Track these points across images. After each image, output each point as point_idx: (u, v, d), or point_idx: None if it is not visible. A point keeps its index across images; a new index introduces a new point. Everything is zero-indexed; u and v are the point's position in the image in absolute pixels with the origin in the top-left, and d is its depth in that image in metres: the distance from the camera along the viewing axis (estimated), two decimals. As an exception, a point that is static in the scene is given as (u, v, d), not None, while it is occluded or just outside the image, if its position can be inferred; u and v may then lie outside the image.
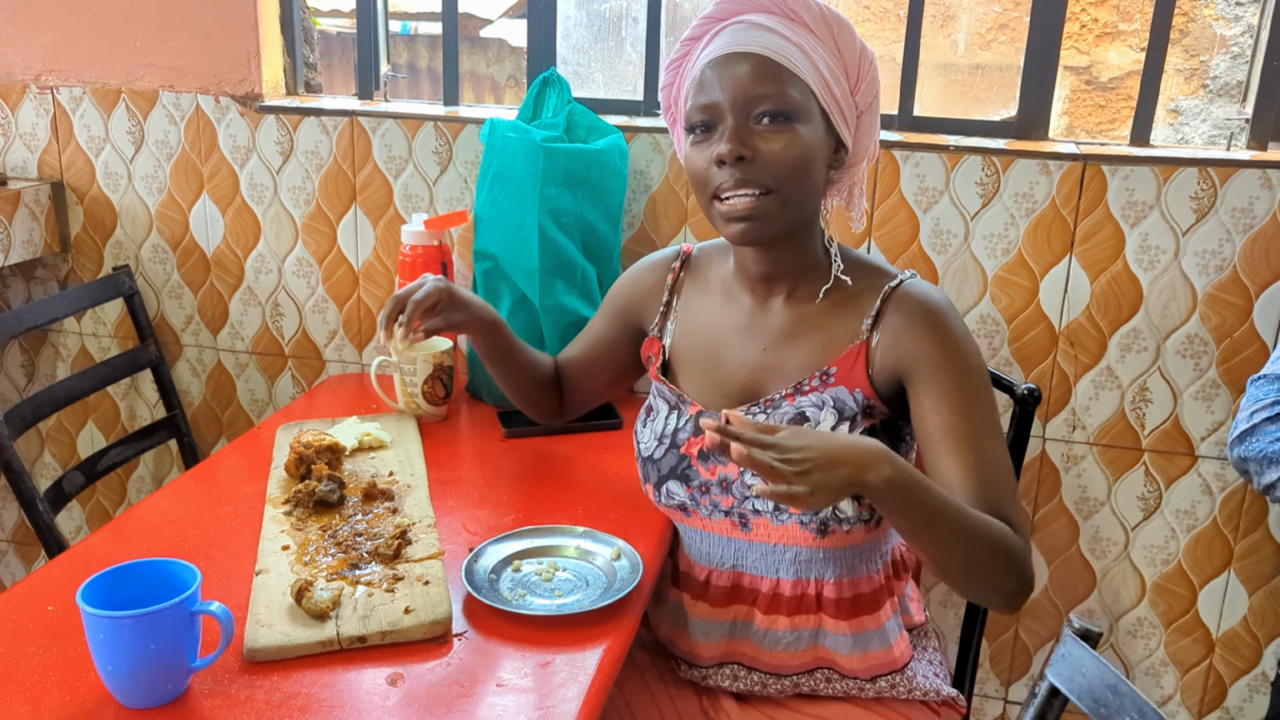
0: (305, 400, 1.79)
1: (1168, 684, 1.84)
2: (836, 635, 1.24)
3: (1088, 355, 1.72)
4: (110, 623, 0.92)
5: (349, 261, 1.99)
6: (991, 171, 1.68)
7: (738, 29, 1.16)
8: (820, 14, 1.16)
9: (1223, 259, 1.63)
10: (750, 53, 1.13)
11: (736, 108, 1.13)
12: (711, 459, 1.24)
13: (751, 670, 1.27)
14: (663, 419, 1.30)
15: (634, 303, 1.40)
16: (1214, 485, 1.73)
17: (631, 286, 1.41)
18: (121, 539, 1.27)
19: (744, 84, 1.13)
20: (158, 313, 2.12)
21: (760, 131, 1.13)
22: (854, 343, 1.20)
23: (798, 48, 1.14)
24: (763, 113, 1.13)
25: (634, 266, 1.43)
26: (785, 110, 1.13)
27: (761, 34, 1.14)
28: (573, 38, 2.14)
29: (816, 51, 1.15)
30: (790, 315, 1.24)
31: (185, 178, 2.02)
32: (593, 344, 1.45)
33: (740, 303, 1.28)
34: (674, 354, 1.34)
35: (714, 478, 1.24)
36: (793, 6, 1.16)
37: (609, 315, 1.43)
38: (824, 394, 1.20)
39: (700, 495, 1.25)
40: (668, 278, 1.36)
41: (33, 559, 2.38)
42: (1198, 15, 3.73)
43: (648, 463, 1.30)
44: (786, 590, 1.24)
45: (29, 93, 2.05)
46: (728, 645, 1.28)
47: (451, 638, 1.08)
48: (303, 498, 1.32)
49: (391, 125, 1.89)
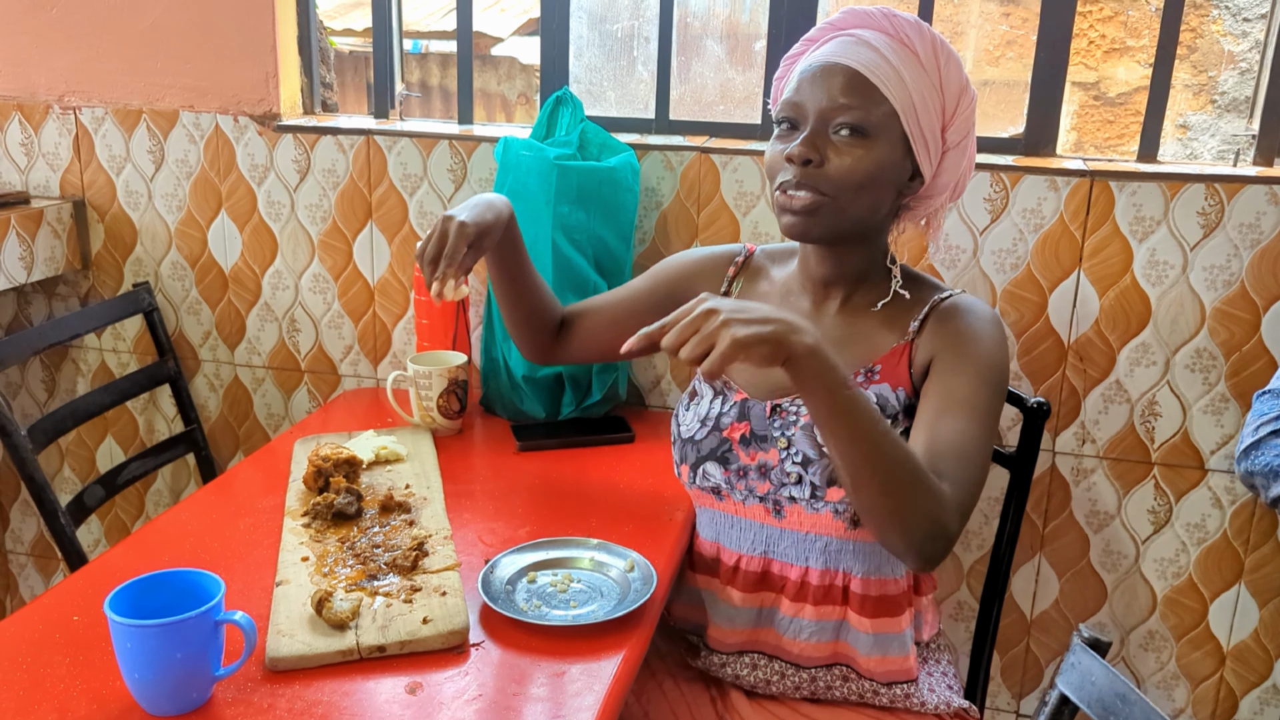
0: (321, 414, 1.82)
1: (1179, 697, 1.84)
2: (859, 632, 1.27)
3: (1097, 369, 1.73)
4: (137, 631, 0.94)
5: (365, 278, 2.01)
6: (1000, 187, 1.69)
7: (846, 40, 1.20)
8: (932, 45, 1.20)
9: (1230, 274, 1.65)
10: (847, 65, 1.18)
11: (819, 113, 1.18)
12: (753, 444, 1.27)
13: (773, 659, 1.29)
14: (707, 403, 1.33)
15: (686, 280, 1.43)
16: (1224, 498, 1.74)
17: (691, 266, 1.44)
18: (143, 551, 1.29)
19: (831, 93, 1.18)
20: (176, 328, 2.15)
21: (835, 142, 1.18)
22: (899, 342, 1.25)
23: (895, 71, 1.18)
24: (842, 124, 1.17)
25: (694, 250, 1.47)
26: (863, 126, 1.17)
27: (865, 50, 1.18)
28: (585, 57, 2.17)
29: (916, 79, 1.19)
30: (843, 320, 1.29)
31: (204, 196, 2.05)
32: (625, 300, 1.47)
33: (797, 304, 1.33)
34: None
35: (754, 463, 1.27)
36: (908, 32, 1.20)
37: (654, 281, 1.46)
38: (868, 390, 1.23)
39: (737, 479, 1.28)
40: (729, 269, 1.41)
41: (51, 572, 2.40)
42: (1205, 31, 3.74)
43: (687, 444, 1.33)
44: (815, 579, 1.27)
45: (52, 113, 2.08)
46: (752, 633, 1.30)
47: (469, 648, 1.10)
48: (321, 510, 1.34)
49: (407, 144, 1.92)
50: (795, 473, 1.23)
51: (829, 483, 1.22)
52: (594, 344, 1.49)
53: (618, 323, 1.45)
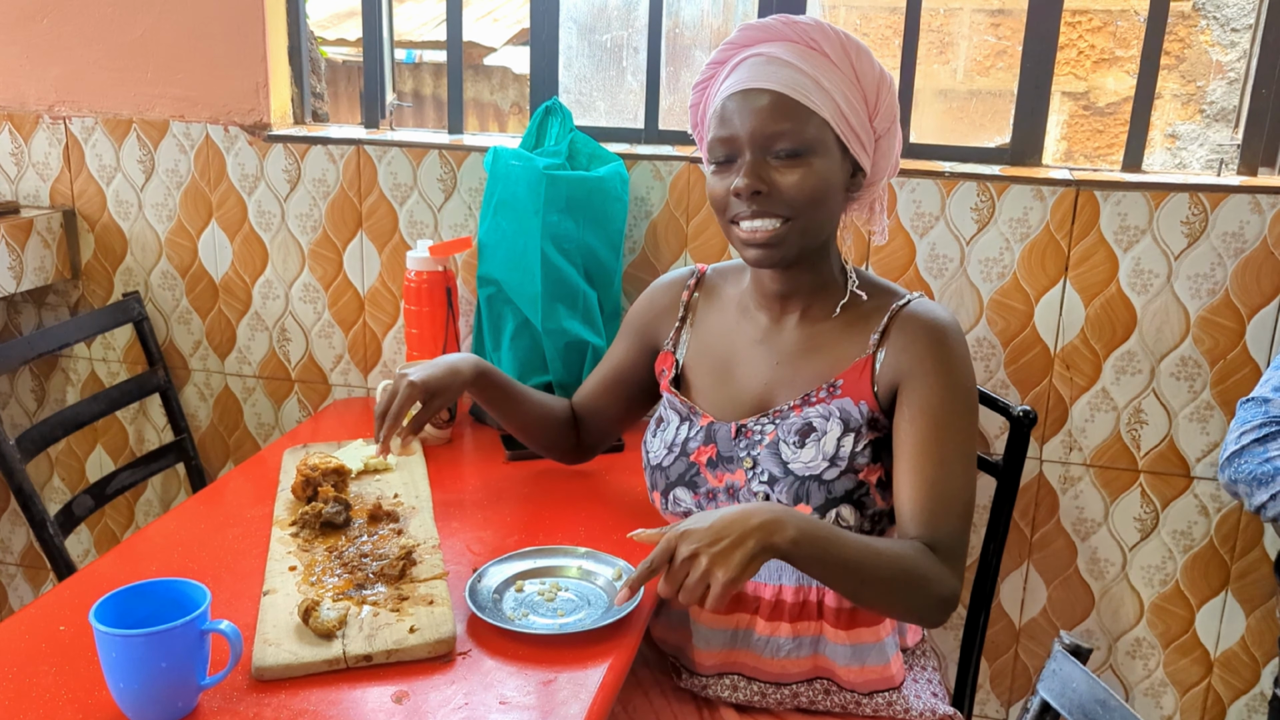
0: (311, 424, 1.82)
1: (1167, 704, 1.85)
2: (836, 645, 1.26)
3: (1083, 377, 1.74)
4: (122, 641, 0.94)
5: (355, 287, 2.02)
6: (986, 197, 1.70)
7: (757, 62, 1.20)
8: (839, 43, 1.20)
9: (1215, 283, 1.66)
10: (768, 89, 1.17)
11: (754, 143, 1.18)
12: (720, 466, 1.28)
13: (751, 681, 1.29)
14: (674, 429, 1.34)
15: (650, 322, 1.44)
16: (1210, 506, 1.75)
17: (647, 307, 1.45)
18: (131, 561, 1.29)
19: (761, 120, 1.17)
20: (166, 338, 2.15)
21: (777, 165, 1.18)
22: (860, 356, 1.25)
23: (814, 82, 1.18)
24: (779, 149, 1.17)
25: (649, 288, 1.47)
26: (800, 147, 1.17)
27: (780, 69, 1.18)
28: (575, 67, 2.18)
29: (834, 83, 1.19)
30: (803, 332, 1.29)
31: (194, 206, 2.06)
32: (611, 370, 1.48)
33: (755, 320, 1.33)
34: (687, 368, 1.38)
35: (721, 485, 1.27)
36: (813, 36, 1.19)
37: (627, 338, 1.47)
38: (830, 405, 1.23)
39: (707, 502, 1.28)
40: (683, 294, 1.41)
41: (40, 581, 2.40)
42: (1194, 41, 3.77)
43: (656, 470, 1.33)
44: (789, 597, 1.26)
45: (42, 123, 2.09)
46: (728, 654, 1.29)
47: (456, 656, 1.10)
48: (309, 519, 1.34)
49: (397, 154, 1.93)
50: (762, 491, 1.23)
51: (795, 500, 1.22)
52: (605, 422, 1.51)
53: (613, 392, 1.48)
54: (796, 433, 1.23)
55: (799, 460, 1.22)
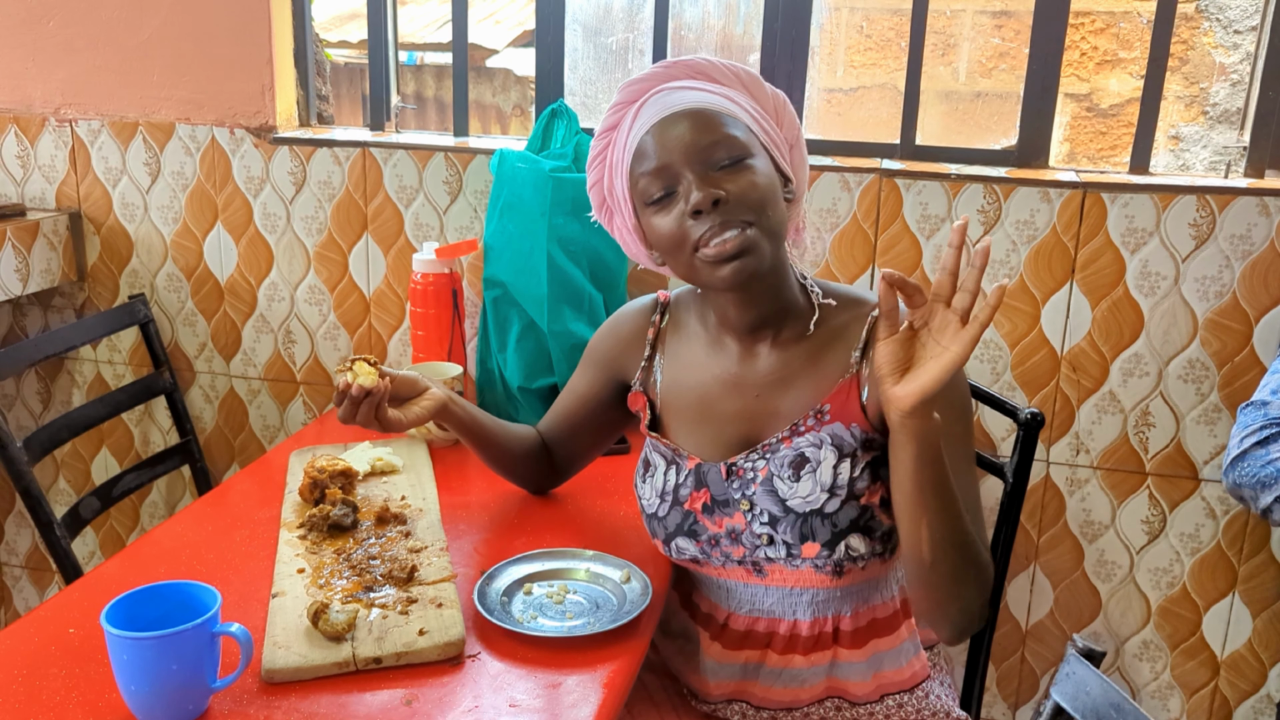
0: (317, 426, 1.82)
1: (1174, 706, 1.85)
2: (850, 664, 1.25)
3: (1090, 380, 1.74)
4: (133, 643, 0.94)
5: (360, 289, 2.02)
6: (993, 199, 1.70)
7: (660, 97, 1.19)
8: (728, 70, 1.21)
9: (1222, 285, 1.66)
10: (686, 109, 1.16)
11: (692, 161, 1.15)
12: (717, 511, 1.23)
13: (760, 710, 1.28)
14: (661, 474, 1.29)
15: (615, 355, 1.38)
16: (1217, 508, 1.74)
17: (611, 339, 1.39)
18: (138, 563, 1.29)
19: (693, 136, 1.15)
20: (172, 340, 2.15)
21: (721, 176, 1.14)
22: (845, 376, 1.20)
23: (720, 96, 1.18)
24: (718, 159, 1.15)
25: (611, 319, 1.41)
26: (739, 153, 1.15)
27: (688, 93, 1.18)
28: (580, 69, 2.18)
29: (736, 95, 1.20)
30: (778, 359, 1.24)
31: (200, 208, 2.06)
32: (575, 401, 1.42)
33: (727, 351, 1.27)
34: (663, 407, 1.32)
35: (721, 530, 1.23)
36: (696, 65, 1.20)
37: (589, 370, 1.41)
38: (820, 433, 1.19)
39: (710, 548, 1.24)
40: (648, 331, 1.34)
41: (45, 584, 2.40)
42: (1197, 43, 3.77)
43: (654, 520, 1.29)
44: (804, 630, 1.25)
45: (48, 125, 2.09)
46: (738, 685, 1.28)
47: (465, 659, 1.10)
48: (317, 522, 1.34)
49: (403, 156, 1.93)
50: (765, 533, 1.19)
51: (802, 539, 1.18)
52: (572, 453, 1.46)
53: (577, 425, 1.42)
54: (790, 465, 1.19)
55: (797, 495, 1.18)
